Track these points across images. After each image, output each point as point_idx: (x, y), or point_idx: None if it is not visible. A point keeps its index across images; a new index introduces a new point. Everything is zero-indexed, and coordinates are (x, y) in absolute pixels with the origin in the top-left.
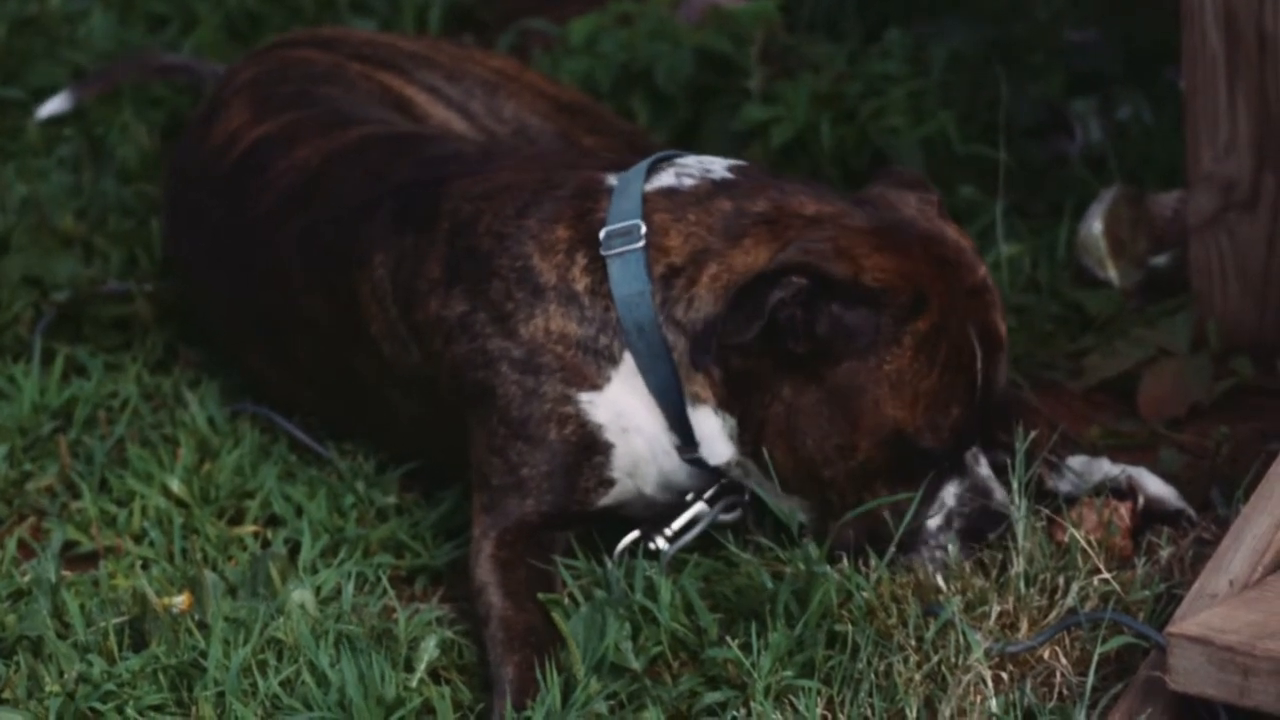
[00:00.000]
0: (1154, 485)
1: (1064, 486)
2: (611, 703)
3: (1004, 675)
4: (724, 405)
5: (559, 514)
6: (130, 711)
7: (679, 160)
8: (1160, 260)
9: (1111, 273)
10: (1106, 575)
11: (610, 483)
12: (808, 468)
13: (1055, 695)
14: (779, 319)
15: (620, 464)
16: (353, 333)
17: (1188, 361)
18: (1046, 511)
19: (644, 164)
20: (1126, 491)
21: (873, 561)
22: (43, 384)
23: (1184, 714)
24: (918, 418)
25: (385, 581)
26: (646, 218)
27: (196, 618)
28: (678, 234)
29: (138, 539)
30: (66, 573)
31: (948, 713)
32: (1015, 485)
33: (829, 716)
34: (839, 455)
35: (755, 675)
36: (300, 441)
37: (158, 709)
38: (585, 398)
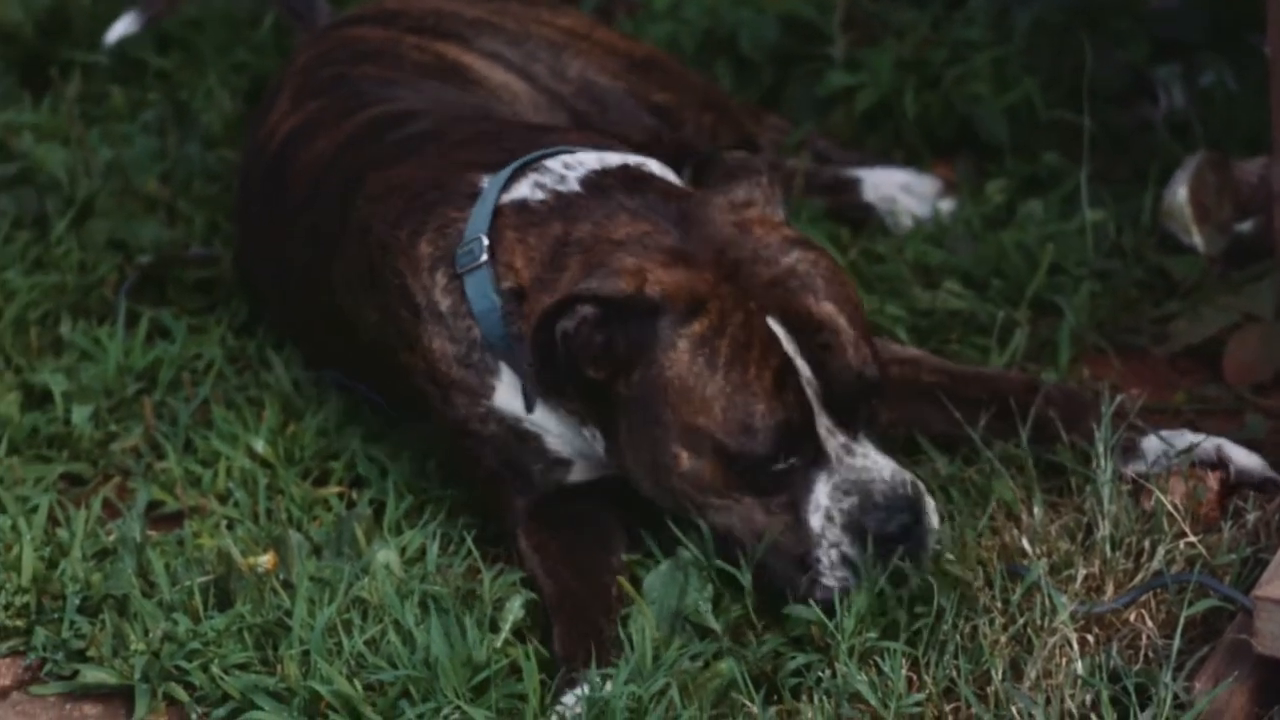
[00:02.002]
0: (1241, 456)
1: (1138, 466)
2: (696, 664)
3: (1089, 638)
4: (587, 421)
5: (547, 493)
6: (215, 670)
7: (546, 164)
8: (1245, 226)
9: (1196, 239)
10: (1192, 539)
11: (565, 462)
12: (654, 479)
13: (1141, 658)
14: (573, 349)
15: (559, 446)
16: (352, 334)
17: (1273, 327)
18: (1132, 476)
19: (508, 170)
20: (1215, 462)
21: (950, 525)
22: (128, 346)
23: (1270, 677)
24: (717, 421)
25: (470, 542)
26: (497, 232)
27: (281, 577)
28: (522, 255)
29: (223, 499)
30: (151, 532)
31: (1033, 675)
32: (1101, 450)
33: (914, 678)
34: (669, 467)
35: (839, 637)
36: (381, 406)
37: (242, 667)
38: (485, 404)
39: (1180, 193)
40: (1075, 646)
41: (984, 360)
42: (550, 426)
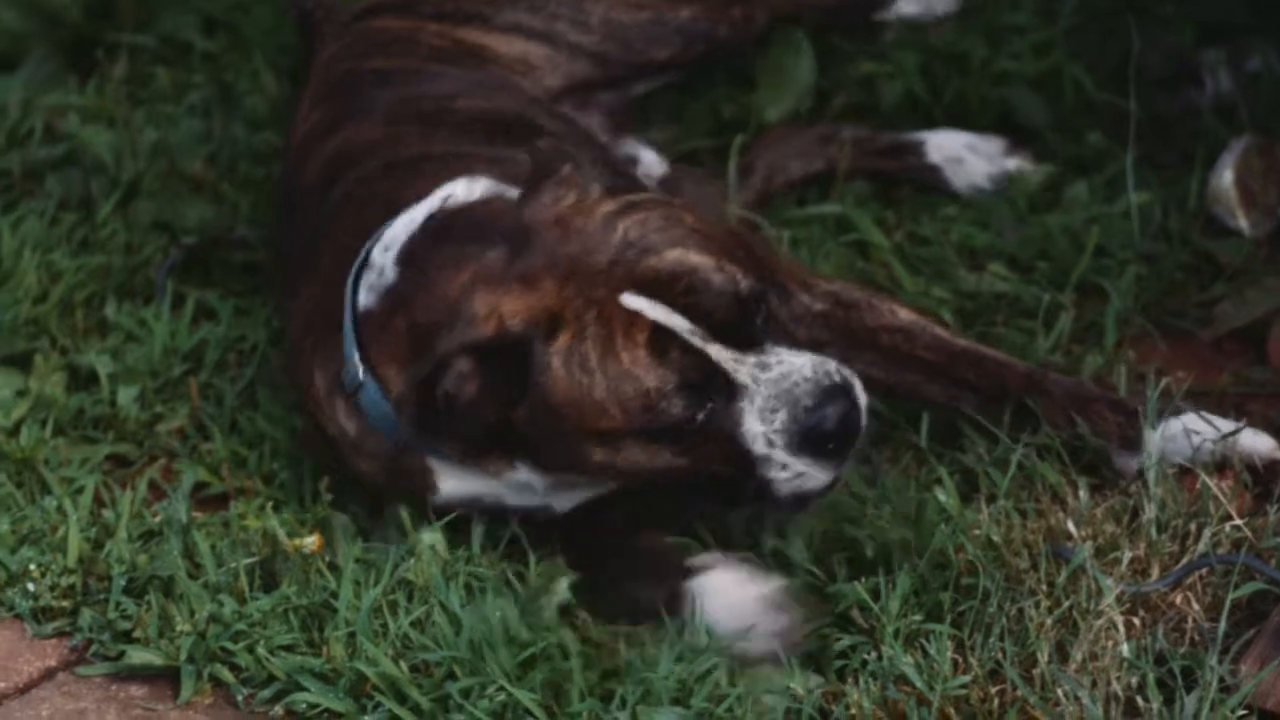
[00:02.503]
0: (1249, 440)
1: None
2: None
3: (1135, 621)
4: (515, 461)
5: (558, 521)
6: (261, 650)
7: (372, 257)
8: None
9: (1242, 222)
10: (1239, 522)
11: (543, 506)
12: (602, 481)
13: (1187, 640)
14: (460, 406)
15: (523, 499)
16: None
17: None
18: (1180, 460)
19: (350, 279)
20: (1220, 464)
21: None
22: (173, 327)
23: None
24: (619, 418)
25: (515, 524)
26: (364, 345)
27: (327, 559)
28: (390, 360)
29: (268, 480)
30: (197, 514)
31: (1079, 657)
32: (1148, 428)
33: (959, 660)
34: (606, 469)
35: (884, 619)
36: None
37: (288, 649)
38: (436, 497)
39: (1226, 176)
40: (1121, 629)
41: (1029, 344)
42: (500, 488)
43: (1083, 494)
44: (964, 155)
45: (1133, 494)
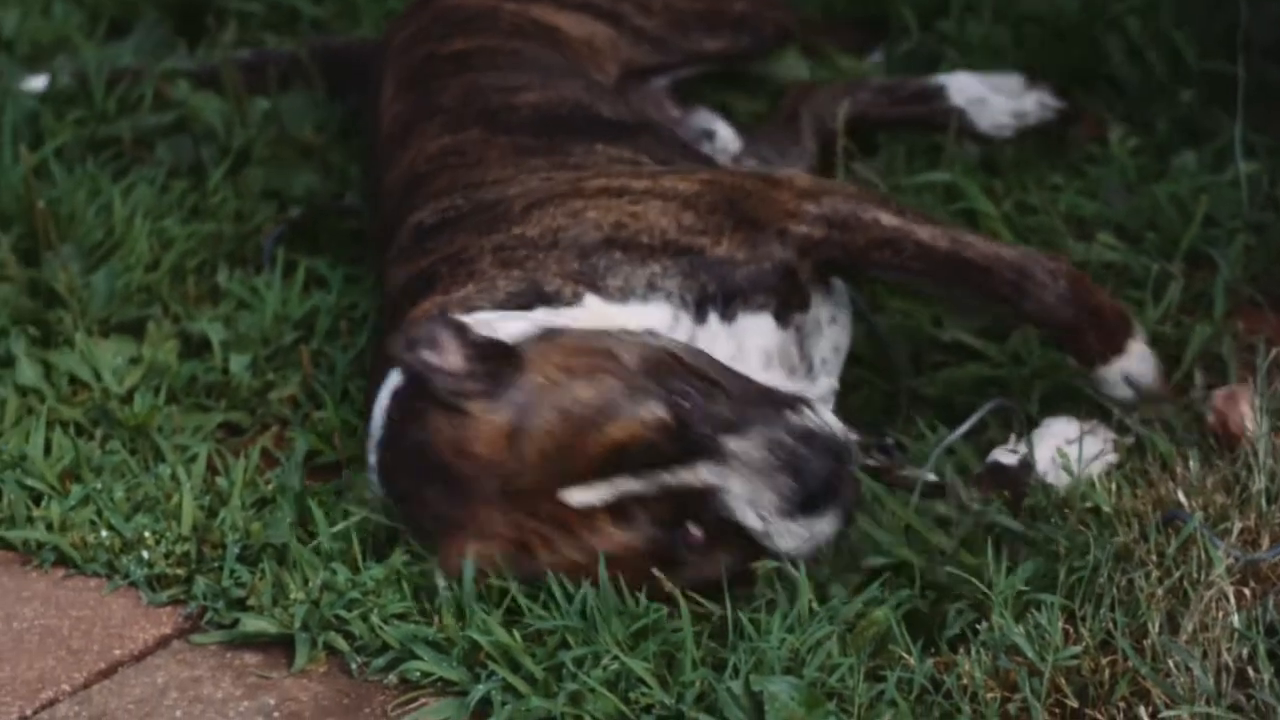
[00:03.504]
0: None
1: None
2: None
3: (1246, 592)
4: None
5: None
6: (374, 619)
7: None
8: None
9: None
10: None
11: None
12: None
13: None
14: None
15: None
16: None
17: None
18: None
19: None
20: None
21: (1098, 476)
22: (284, 295)
23: None
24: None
25: None
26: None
27: None
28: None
29: None
30: (309, 482)
31: (1190, 628)
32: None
33: (1070, 631)
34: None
35: (996, 588)
36: None
37: (401, 617)
38: None
39: None
40: (1232, 600)
41: (1139, 314)
42: None
43: (1193, 464)
44: (986, 95)
45: (1242, 463)
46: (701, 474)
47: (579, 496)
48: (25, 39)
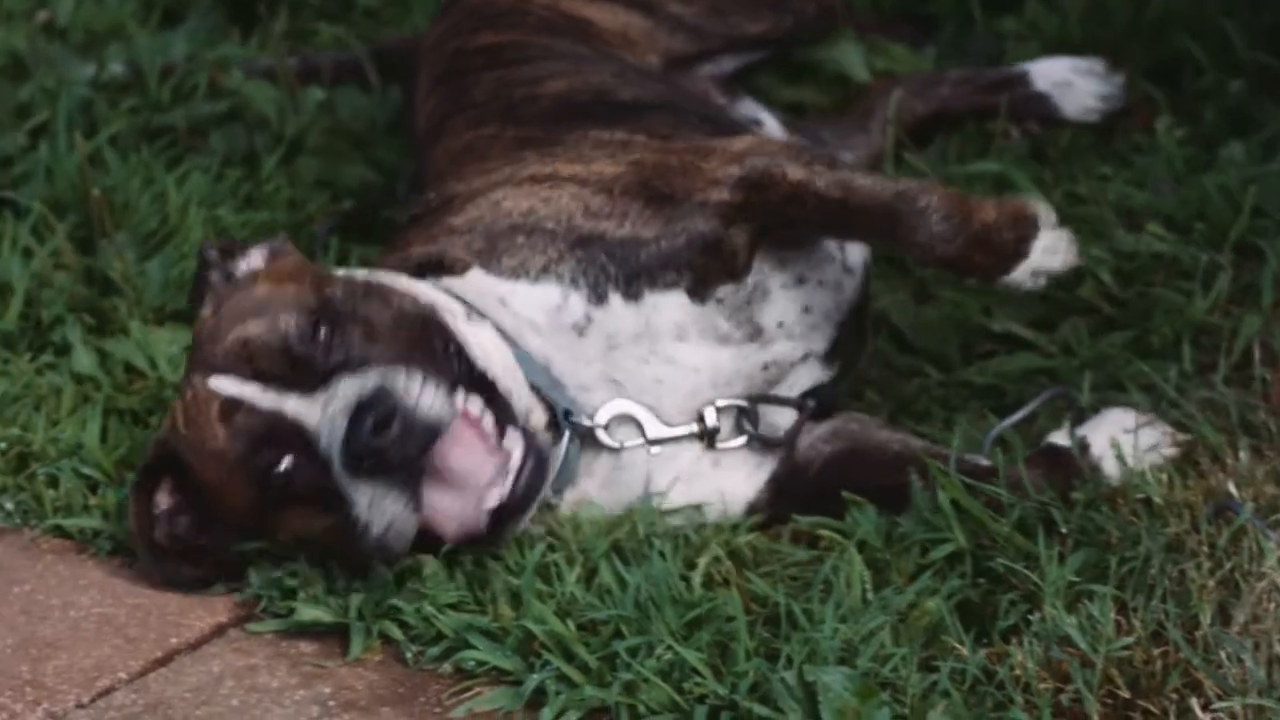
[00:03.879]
0: None
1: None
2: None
3: None
4: None
5: None
6: (429, 608)
7: None
8: None
9: None
10: None
11: None
12: None
13: None
14: (183, 538)
15: None
16: None
17: None
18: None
19: None
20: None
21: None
22: None
23: None
24: (235, 492)
25: None
26: None
27: None
28: None
29: None
30: None
31: (1241, 619)
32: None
33: (1122, 622)
34: (300, 546)
35: (1048, 579)
36: None
37: (455, 606)
38: None
39: None
40: None
41: (1188, 305)
42: None
43: (1243, 455)
44: (1072, 79)
45: None
46: (290, 403)
47: (216, 381)
48: (79, 27)
